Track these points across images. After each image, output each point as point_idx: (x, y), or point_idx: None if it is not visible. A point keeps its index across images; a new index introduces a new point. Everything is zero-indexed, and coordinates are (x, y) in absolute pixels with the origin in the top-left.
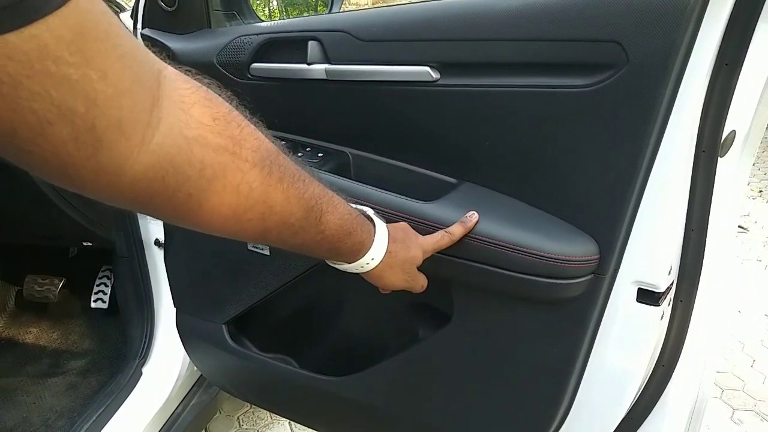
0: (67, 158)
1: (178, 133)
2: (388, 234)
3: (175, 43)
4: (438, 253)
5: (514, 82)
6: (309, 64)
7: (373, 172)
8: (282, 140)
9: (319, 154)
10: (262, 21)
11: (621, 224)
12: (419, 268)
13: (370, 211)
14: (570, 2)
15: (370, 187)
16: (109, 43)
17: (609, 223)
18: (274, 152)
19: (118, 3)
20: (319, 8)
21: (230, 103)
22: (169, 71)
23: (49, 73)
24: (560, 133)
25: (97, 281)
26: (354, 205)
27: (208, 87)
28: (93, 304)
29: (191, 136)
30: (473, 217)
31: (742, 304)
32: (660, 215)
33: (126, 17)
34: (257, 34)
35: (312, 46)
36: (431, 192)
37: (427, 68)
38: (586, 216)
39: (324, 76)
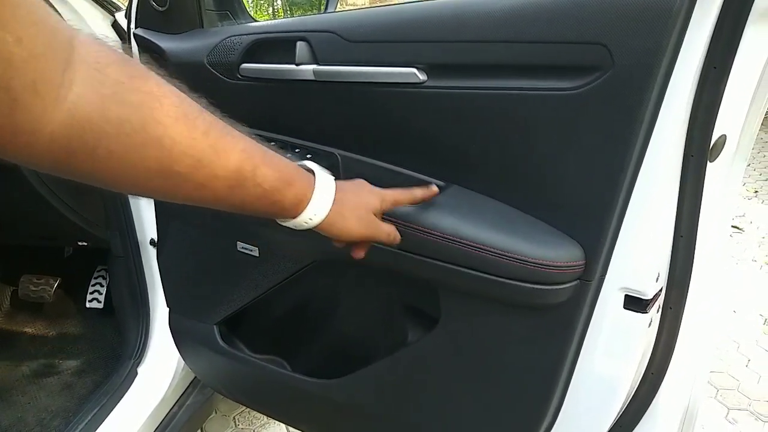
0: None
1: (93, 91)
2: (333, 181)
3: (166, 43)
4: (423, 256)
5: (500, 85)
6: (297, 64)
7: (362, 173)
8: (271, 140)
9: (308, 156)
10: (256, 21)
11: (607, 229)
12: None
13: (310, 164)
14: (555, 4)
15: None
16: (24, 10)
17: (595, 228)
18: (197, 108)
19: (113, 2)
20: (322, 7)
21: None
22: (84, 36)
23: None
24: (547, 136)
25: (93, 281)
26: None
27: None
28: (88, 304)
29: (107, 94)
30: (433, 187)
31: (737, 303)
32: (647, 221)
33: (121, 17)
34: (247, 35)
35: (300, 46)
36: None
37: (414, 70)
38: (572, 220)
39: (312, 77)
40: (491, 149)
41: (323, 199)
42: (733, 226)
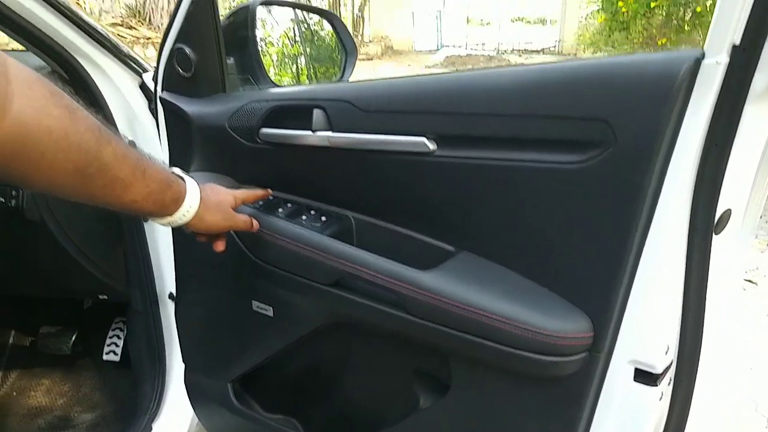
0: None
1: (27, 104)
2: (198, 184)
3: (191, 107)
4: (433, 323)
5: (507, 156)
6: (314, 131)
7: (374, 236)
8: (288, 202)
9: (323, 218)
10: (276, 85)
11: (614, 302)
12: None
13: (178, 170)
14: (559, 80)
15: (369, 253)
16: None
17: (602, 301)
18: (98, 122)
19: (141, 64)
20: (340, 56)
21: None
22: (11, 59)
23: None
24: (552, 208)
25: (110, 333)
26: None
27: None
28: (105, 357)
29: (38, 106)
30: (269, 190)
31: (753, 360)
32: (655, 293)
33: (148, 78)
34: (266, 101)
35: (317, 114)
36: (430, 259)
37: (424, 139)
38: (580, 292)
39: (327, 144)
40: (499, 218)
41: (193, 198)
42: (746, 280)
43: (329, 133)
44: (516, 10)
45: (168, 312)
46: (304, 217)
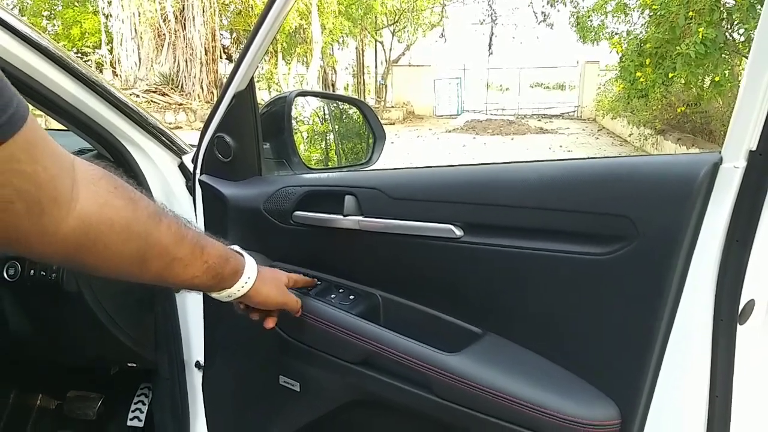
0: (20, 225)
1: (93, 201)
2: (254, 260)
3: (228, 189)
4: (459, 405)
5: (532, 246)
6: (345, 215)
7: (402, 315)
8: (319, 280)
9: (351, 297)
10: (309, 170)
11: (642, 389)
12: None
13: (236, 247)
14: (583, 177)
15: (395, 333)
16: (47, 146)
17: (629, 388)
18: (161, 208)
19: (180, 147)
20: (370, 140)
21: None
22: (79, 160)
23: (13, 169)
24: (578, 296)
25: (135, 399)
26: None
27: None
28: (129, 422)
29: (101, 202)
30: (314, 280)
31: None
32: (682, 381)
33: (187, 159)
34: (300, 186)
35: (348, 200)
36: (456, 340)
37: (451, 226)
38: (606, 379)
39: (357, 227)
40: (524, 303)
41: (251, 271)
42: None
43: (359, 218)
44: (535, 76)
45: (194, 380)
46: (333, 296)
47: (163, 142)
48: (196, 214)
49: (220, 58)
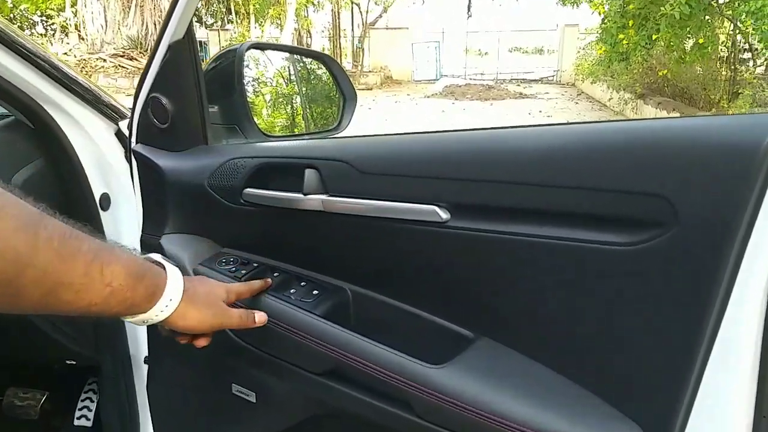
0: None
1: None
2: (181, 273)
3: (165, 161)
4: (444, 428)
5: (536, 232)
6: (305, 194)
7: (376, 315)
8: (275, 270)
9: (314, 292)
10: (266, 137)
11: (676, 413)
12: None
13: (157, 257)
14: (605, 145)
15: (368, 340)
16: None
17: (658, 409)
18: (38, 216)
19: (118, 109)
20: (339, 102)
21: None
22: None
23: None
24: (594, 296)
25: (83, 396)
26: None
27: None
28: (77, 422)
29: None
30: (269, 280)
31: None
32: (725, 400)
33: (125, 125)
34: (252, 158)
35: (309, 175)
36: (443, 348)
37: (435, 208)
38: (629, 397)
39: (321, 208)
40: (527, 301)
41: (174, 290)
42: None
43: (323, 197)
44: (513, 41)
45: (143, 376)
46: (293, 290)
47: (96, 107)
48: (135, 192)
49: None
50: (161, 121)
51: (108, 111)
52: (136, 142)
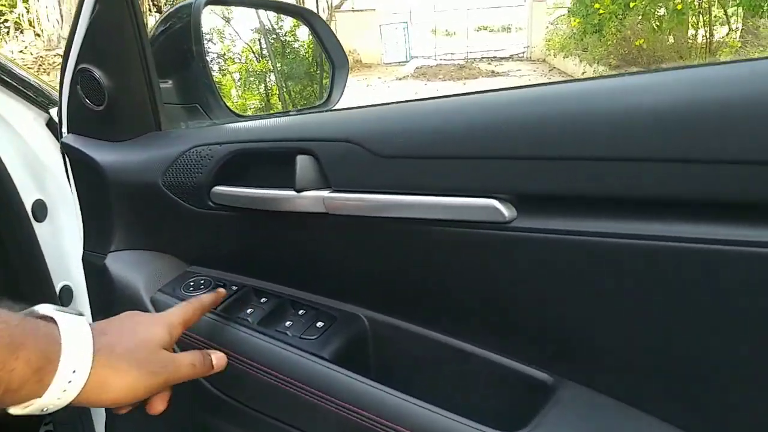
0: None
1: None
2: (89, 326)
3: (105, 155)
4: None
5: (656, 232)
6: (298, 190)
7: (407, 351)
8: (262, 294)
9: (319, 324)
10: (238, 117)
11: None
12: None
13: (45, 308)
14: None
15: (407, 398)
16: None
17: None
18: None
19: (48, 95)
20: (325, 81)
21: None
22: None
23: None
24: (745, 322)
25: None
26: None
27: None
28: None
29: None
30: (221, 290)
31: None
32: None
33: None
34: (222, 143)
35: (303, 163)
36: (512, 401)
37: (494, 202)
38: None
39: (322, 208)
40: (633, 333)
41: (77, 358)
42: None
43: (324, 193)
44: (480, 20)
45: (101, 417)
46: (288, 323)
47: (20, 92)
48: (73, 194)
49: (149, 11)
50: (95, 101)
51: (35, 98)
52: (67, 132)
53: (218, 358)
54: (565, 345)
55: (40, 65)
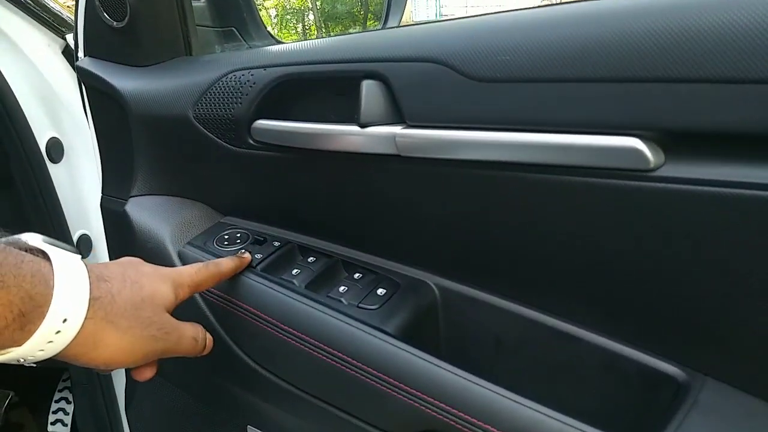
0: None
1: None
2: (86, 267)
3: (126, 81)
4: None
5: None
6: (362, 125)
7: (487, 329)
8: (309, 252)
9: (380, 291)
10: (280, 42)
11: None
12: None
13: (33, 238)
14: None
15: (502, 390)
16: None
17: None
18: None
19: (64, 20)
20: (369, 23)
21: None
22: None
23: None
24: None
25: (57, 396)
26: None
27: None
28: (50, 427)
29: None
30: (246, 254)
31: None
32: None
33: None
34: (266, 67)
35: (369, 90)
36: (630, 397)
37: (636, 141)
38: None
39: (393, 150)
40: None
41: (70, 304)
42: None
43: (396, 129)
44: None
45: (122, 378)
46: (342, 288)
47: (32, 14)
48: (91, 130)
49: None
50: (116, 17)
51: (51, 20)
52: (84, 55)
53: (210, 341)
54: (707, 333)
55: None
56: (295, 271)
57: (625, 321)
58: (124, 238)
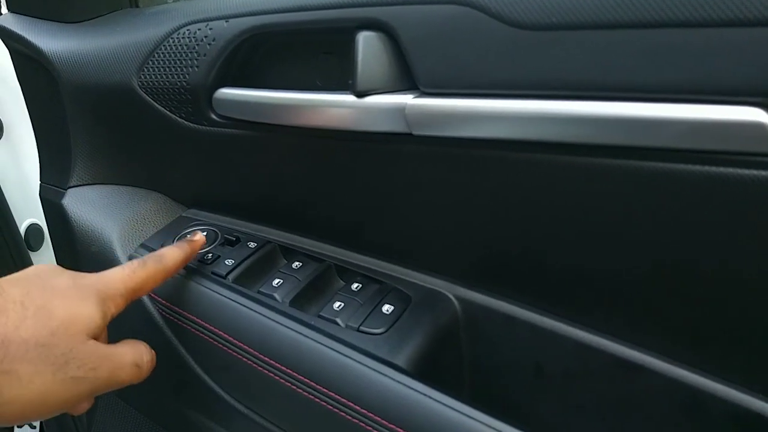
0: None
1: None
2: None
3: (53, 41)
4: None
5: None
6: (359, 93)
7: (533, 353)
8: (293, 254)
9: (385, 308)
10: None
11: None
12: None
13: None
14: None
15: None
16: None
17: None
18: None
19: None
20: None
21: None
22: None
23: None
24: None
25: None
26: None
27: None
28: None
29: None
30: (196, 236)
31: None
32: None
33: None
34: (227, 18)
35: (368, 44)
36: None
37: (760, 113)
38: None
39: (403, 127)
40: None
41: None
42: None
43: (406, 99)
44: None
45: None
46: (337, 305)
47: None
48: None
49: None
50: None
51: None
52: (8, 10)
53: (153, 357)
54: None
55: None
56: (276, 281)
57: (710, 348)
58: (65, 238)
